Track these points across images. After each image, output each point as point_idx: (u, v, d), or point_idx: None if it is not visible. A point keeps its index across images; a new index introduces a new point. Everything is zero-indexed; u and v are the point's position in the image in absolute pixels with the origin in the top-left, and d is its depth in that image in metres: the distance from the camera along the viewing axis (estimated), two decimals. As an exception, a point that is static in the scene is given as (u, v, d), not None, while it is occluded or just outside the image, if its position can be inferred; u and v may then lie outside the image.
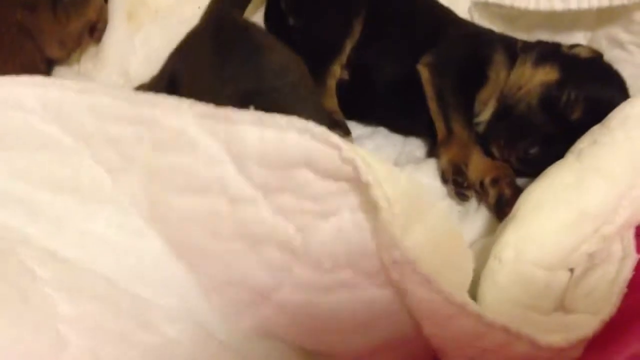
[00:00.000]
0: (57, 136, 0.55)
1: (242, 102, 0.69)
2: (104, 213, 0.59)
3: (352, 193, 0.52)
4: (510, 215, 0.63)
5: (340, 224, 0.54)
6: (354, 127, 0.92)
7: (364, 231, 0.53)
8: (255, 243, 0.56)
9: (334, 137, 0.50)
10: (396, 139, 0.91)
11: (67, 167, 0.56)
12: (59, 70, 0.95)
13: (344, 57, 0.88)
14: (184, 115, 0.53)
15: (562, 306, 0.61)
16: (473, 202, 0.78)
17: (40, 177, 0.56)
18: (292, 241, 0.54)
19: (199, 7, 0.85)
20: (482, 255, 0.67)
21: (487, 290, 0.60)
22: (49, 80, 0.57)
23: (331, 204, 0.53)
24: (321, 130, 0.50)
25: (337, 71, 0.88)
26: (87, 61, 0.97)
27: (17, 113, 0.54)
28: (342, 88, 0.88)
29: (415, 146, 0.89)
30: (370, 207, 0.51)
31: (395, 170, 0.55)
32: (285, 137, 0.51)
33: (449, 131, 0.78)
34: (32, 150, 0.55)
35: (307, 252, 0.54)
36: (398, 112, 0.88)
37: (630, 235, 0.63)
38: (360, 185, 0.50)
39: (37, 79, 0.56)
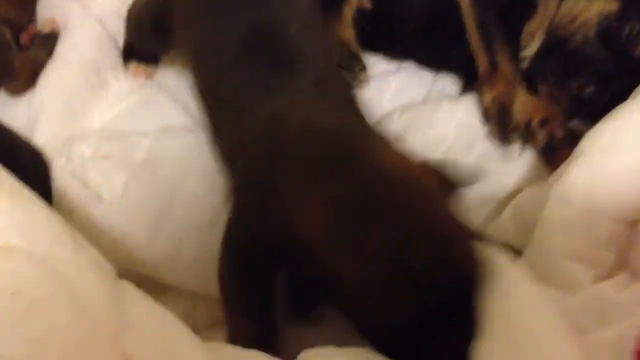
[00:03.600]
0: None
1: (248, 36, 0.61)
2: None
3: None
4: (576, 152, 0.57)
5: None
6: (378, 62, 0.84)
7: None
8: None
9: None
10: (425, 76, 0.82)
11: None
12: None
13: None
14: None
15: (625, 265, 0.55)
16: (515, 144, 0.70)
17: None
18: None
19: None
20: (532, 204, 0.61)
21: (550, 235, 0.54)
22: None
23: None
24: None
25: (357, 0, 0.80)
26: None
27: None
28: (365, 19, 0.80)
29: (447, 83, 0.81)
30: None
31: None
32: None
33: (493, 66, 0.70)
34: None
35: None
36: (428, 46, 0.80)
37: None
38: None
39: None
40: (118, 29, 0.82)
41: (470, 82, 0.78)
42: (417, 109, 0.74)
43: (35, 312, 0.34)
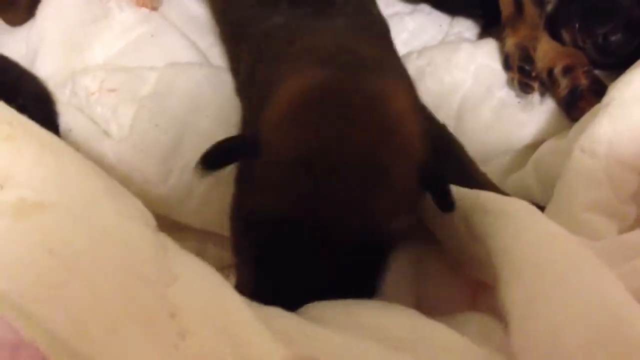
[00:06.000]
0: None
1: None
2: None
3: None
4: (603, 103, 0.55)
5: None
6: (392, 3, 0.81)
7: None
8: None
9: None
10: (441, 18, 0.79)
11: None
12: None
13: None
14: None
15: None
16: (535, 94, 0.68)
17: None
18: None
19: None
20: (554, 157, 0.59)
21: (573, 188, 0.53)
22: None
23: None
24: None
25: None
26: None
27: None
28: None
29: (465, 27, 0.78)
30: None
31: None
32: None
33: (518, 8, 0.67)
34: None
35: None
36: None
37: None
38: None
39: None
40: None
41: (488, 26, 0.76)
42: (436, 50, 0.71)
43: (76, 271, 0.31)
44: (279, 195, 0.42)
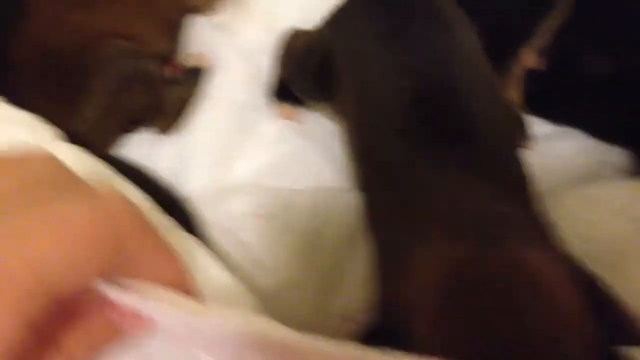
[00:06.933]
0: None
1: (412, 78, 0.56)
2: None
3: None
4: None
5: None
6: (541, 124, 0.77)
7: None
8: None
9: None
10: (593, 145, 0.75)
11: None
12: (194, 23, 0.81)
13: (539, 41, 0.72)
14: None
15: None
16: None
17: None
18: None
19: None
20: None
21: None
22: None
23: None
24: None
25: (529, 58, 0.73)
26: (226, 11, 0.82)
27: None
28: (533, 79, 0.74)
29: (618, 156, 0.73)
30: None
31: None
32: None
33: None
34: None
35: None
36: (603, 114, 0.73)
37: None
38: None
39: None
40: (265, 66, 0.78)
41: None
42: (591, 190, 0.66)
43: None
44: None
